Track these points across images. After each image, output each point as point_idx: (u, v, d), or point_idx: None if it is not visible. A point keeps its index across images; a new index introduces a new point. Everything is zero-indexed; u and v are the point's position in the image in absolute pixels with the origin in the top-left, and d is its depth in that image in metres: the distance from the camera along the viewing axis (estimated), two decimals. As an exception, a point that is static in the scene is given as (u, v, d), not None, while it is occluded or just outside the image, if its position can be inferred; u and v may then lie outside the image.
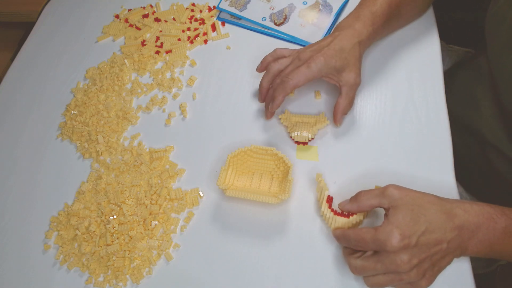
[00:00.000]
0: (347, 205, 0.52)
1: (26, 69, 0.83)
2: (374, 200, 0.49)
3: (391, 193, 0.48)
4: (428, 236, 0.45)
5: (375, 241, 0.46)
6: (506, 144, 0.63)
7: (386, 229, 0.45)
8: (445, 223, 0.46)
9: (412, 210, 0.46)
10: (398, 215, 0.46)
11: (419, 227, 0.45)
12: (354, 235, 0.48)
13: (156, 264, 0.58)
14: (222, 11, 0.81)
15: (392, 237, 0.44)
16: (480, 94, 0.68)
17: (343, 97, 0.60)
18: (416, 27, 0.72)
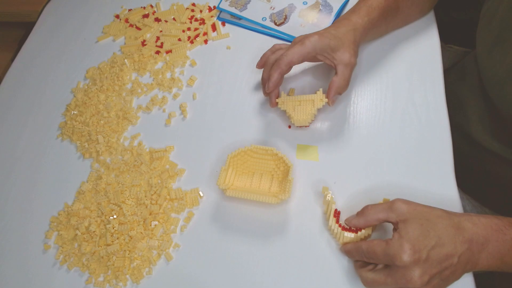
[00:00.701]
0: (353, 220, 0.52)
1: (26, 69, 0.83)
2: (382, 214, 0.49)
3: (399, 207, 0.47)
4: (439, 251, 0.45)
5: (386, 255, 0.45)
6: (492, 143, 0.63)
7: (397, 244, 0.45)
8: (455, 237, 0.45)
9: (421, 225, 0.45)
10: (408, 229, 0.45)
11: (429, 242, 0.45)
12: (366, 247, 0.48)
13: (156, 264, 0.58)
14: (222, 11, 0.81)
15: (402, 252, 0.44)
16: (466, 94, 0.68)
17: (338, 76, 0.58)
18: (416, 27, 0.72)
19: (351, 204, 0.58)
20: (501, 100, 0.57)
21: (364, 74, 0.69)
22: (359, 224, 0.51)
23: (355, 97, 0.67)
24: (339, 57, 0.58)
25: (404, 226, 0.46)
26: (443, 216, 0.47)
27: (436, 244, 0.45)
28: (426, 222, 0.46)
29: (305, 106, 0.60)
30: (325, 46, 0.58)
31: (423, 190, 0.57)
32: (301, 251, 0.56)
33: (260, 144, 0.62)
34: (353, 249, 0.51)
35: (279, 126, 0.66)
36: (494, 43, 0.57)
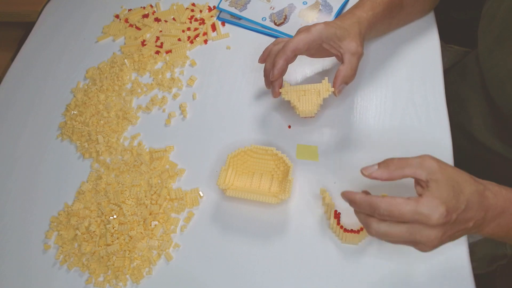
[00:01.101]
0: (375, 172, 0.46)
1: (26, 69, 0.83)
2: (409, 170, 0.45)
3: (430, 164, 0.44)
4: (465, 215, 0.43)
5: (415, 214, 0.42)
6: (494, 142, 0.63)
7: (431, 203, 0.42)
8: (478, 204, 0.44)
9: (453, 187, 0.43)
10: (441, 189, 0.43)
11: (460, 205, 0.43)
12: (386, 206, 0.43)
13: (156, 264, 0.58)
14: (222, 11, 0.81)
15: (437, 212, 0.41)
16: (468, 93, 0.68)
17: (345, 65, 0.56)
18: (416, 27, 0.72)
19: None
20: (502, 99, 0.57)
21: (364, 74, 0.69)
22: (381, 177, 0.46)
23: (355, 97, 0.67)
24: (346, 46, 0.56)
25: (437, 186, 0.43)
26: (469, 181, 0.45)
27: (466, 208, 0.43)
28: (457, 185, 0.44)
29: (310, 96, 0.58)
30: (331, 35, 0.55)
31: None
32: (301, 251, 0.56)
33: (260, 144, 0.62)
34: (364, 203, 0.45)
35: (279, 126, 0.66)
36: (496, 42, 0.57)
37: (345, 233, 0.54)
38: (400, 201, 0.42)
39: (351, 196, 0.46)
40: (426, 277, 0.52)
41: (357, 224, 0.56)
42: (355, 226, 0.56)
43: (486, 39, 0.60)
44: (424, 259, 0.53)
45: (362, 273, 0.53)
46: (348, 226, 0.56)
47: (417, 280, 0.52)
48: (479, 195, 0.45)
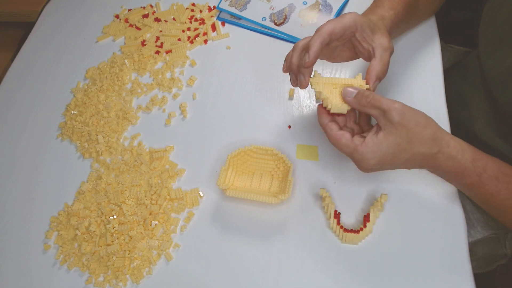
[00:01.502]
0: (348, 97, 0.50)
1: (26, 69, 0.83)
2: (374, 112, 0.48)
3: (392, 117, 0.46)
4: (398, 166, 0.49)
5: (350, 155, 0.48)
6: (497, 141, 0.63)
7: (366, 154, 0.47)
8: (419, 162, 0.48)
9: (398, 145, 0.46)
10: (383, 145, 0.46)
11: (396, 160, 0.47)
12: (333, 140, 0.50)
13: (156, 264, 0.58)
14: (222, 11, 0.81)
15: (366, 162, 0.47)
16: (469, 92, 0.68)
17: (377, 60, 0.53)
18: (416, 28, 0.72)
19: (351, 204, 0.58)
20: (504, 98, 0.57)
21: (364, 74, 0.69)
22: (351, 104, 0.50)
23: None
24: (379, 40, 0.53)
25: (384, 138, 0.46)
26: (425, 143, 0.47)
27: (401, 163, 0.48)
28: (405, 144, 0.46)
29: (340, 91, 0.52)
30: (365, 24, 0.52)
31: (423, 189, 0.57)
32: (301, 251, 0.56)
33: (260, 144, 0.62)
34: (323, 126, 0.51)
35: (279, 126, 0.66)
36: (498, 42, 0.57)
37: (345, 233, 0.54)
38: (343, 141, 0.48)
39: (319, 115, 0.52)
40: (426, 277, 0.52)
41: (357, 224, 0.56)
42: (355, 226, 0.56)
43: (488, 38, 0.60)
44: (424, 259, 0.53)
45: (362, 273, 0.53)
46: (348, 226, 0.56)
47: (417, 280, 0.52)
48: (425, 156, 0.48)
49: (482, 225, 0.65)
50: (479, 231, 0.65)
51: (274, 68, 0.73)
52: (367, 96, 0.49)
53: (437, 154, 0.48)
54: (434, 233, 0.55)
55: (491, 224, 0.65)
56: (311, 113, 0.67)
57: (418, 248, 0.54)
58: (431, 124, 0.48)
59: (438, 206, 0.56)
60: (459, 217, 0.55)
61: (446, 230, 0.55)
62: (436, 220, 0.55)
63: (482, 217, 0.65)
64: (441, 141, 0.48)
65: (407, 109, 0.47)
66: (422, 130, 0.47)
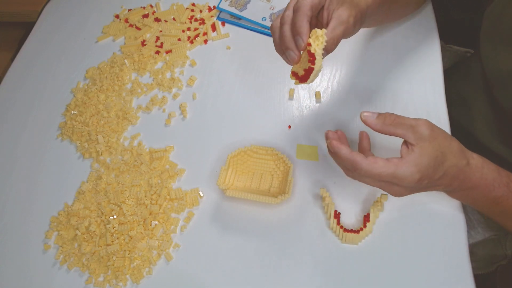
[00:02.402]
0: (370, 120, 0.48)
1: (26, 69, 0.83)
2: (401, 131, 0.46)
3: (422, 131, 0.45)
4: (437, 181, 0.47)
5: (392, 177, 0.44)
6: (497, 145, 0.63)
7: (409, 170, 0.44)
8: (453, 176, 0.47)
9: (436, 157, 0.45)
10: (423, 157, 0.45)
11: (435, 175, 0.46)
12: (367, 167, 0.45)
13: (156, 264, 0.58)
14: (222, 11, 0.81)
15: (411, 178, 0.44)
16: (470, 94, 0.68)
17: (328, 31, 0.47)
18: (416, 27, 0.72)
19: (351, 204, 0.58)
20: (506, 101, 0.57)
21: (364, 74, 0.69)
22: (374, 127, 0.48)
23: (355, 97, 0.67)
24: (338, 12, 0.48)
25: (420, 152, 0.45)
26: (456, 154, 0.47)
27: (440, 177, 0.47)
28: (441, 155, 0.46)
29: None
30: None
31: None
32: (301, 251, 0.56)
33: (260, 144, 0.62)
34: (347, 160, 0.46)
35: (279, 126, 0.66)
36: (501, 44, 0.57)
37: (345, 233, 0.54)
38: (381, 164, 0.44)
39: (336, 149, 0.47)
40: (426, 277, 0.52)
41: (357, 224, 0.56)
42: (355, 226, 0.56)
43: (491, 41, 0.59)
44: (425, 260, 0.53)
45: (362, 273, 0.53)
46: (348, 226, 0.56)
47: (417, 280, 0.52)
48: (458, 169, 0.47)
49: (482, 226, 0.65)
50: (479, 232, 0.65)
51: (274, 68, 0.73)
52: (390, 115, 0.47)
53: (466, 166, 0.48)
54: (435, 234, 0.55)
55: (491, 225, 0.65)
56: (311, 113, 0.67)
57: (418, 248, 0.54)
58: (453, 138, 0.48)
59: (438, 206, 0.56)
60: (459, 218, 0.55)
61: (447, 231, 0.55)
62: (436, 221, 0.55)
63: (482, 218, 0.65)
64: (466, 152, 0.48)
65: (433, 124, 0.47)
66: (451, 142, 0.47)
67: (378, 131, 0.48)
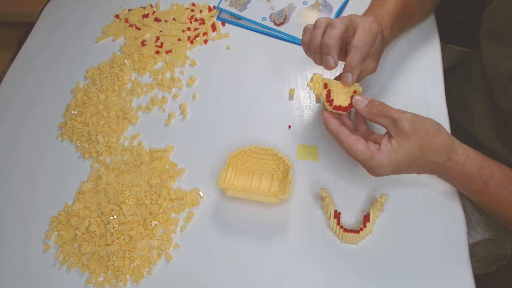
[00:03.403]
0: (361, 105, 0.51)
1: (26, 69, 0.83)
2: (385, 121, 0.49)
3: (403, 126, 0.47)
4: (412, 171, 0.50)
5: (365, 164, 0.48)
6: (497, 145, 0.63)
7: (381, 162, 0.47)
8: (430, 168, 0.50)
9: (412, 153, 0.47)
10: (397, 152, 0.47)
11: (409, 168, 0.49)
12: (347, 147, 0.49)
13: (156, 264, 0.58)
14: (222, 11, 0.80)
15: (382, 170, 0.48)
16: (472, 95, 0.68)
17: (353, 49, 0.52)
18: (416, 27, 0.72)
19: (351, 204, 0.58)
20: (505, 103, 0.57)
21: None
22: (361, 114, 0.51)
23: (355, 97, 0.67)
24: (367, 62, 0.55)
25: (397, 147, 0.47)
26: (435, 151, 0.48)
27: (413, 169, 0.49)
28: (418, 151, 0.47)
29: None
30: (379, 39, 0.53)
31: (424, 190, 0.57)
32: (301, 251, 0.56)
33: (260, 144, 0.62)
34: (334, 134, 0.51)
35: (279, 126, 0.66)
36: (501, 45, 0.57)
37: (345, 233, 0.54)
38: (359, 147, 0.48)
39: (327, 121, 0.51)
40: (426, 277, 0.52)
41: (357, 224, 0.56)
42: (355, 226, 0.56)
43: (490, 42, 0.59)
44: (425, 260, 0.53)
45: (362, 273, 0.53)
46: (348, 226, 0.56)
47: (417, 280, 0.52)
48: (436, 164, 0.49)
49: (482, 226, 0.65)
50: (479, 232, 0.65)
51: (274, 68, 0.73)
52: (378, 105, 0.50)
53: (446, 161, 0.49)
54: (435, 234, 0.55)
55: (491, 225, 0.65)
56: (311, 113, 0.67)
57: (418, 248, 0.54)
58: (440, 131, 0.49)
59: (438, 207, 0.56)
60: (459, 218, 0.55)
61: (447, 231, 0.55)
62: (436, 221, 0.55)
63: (482, 218, 0.65)
64: (450, 148, 0.49)
65: (417, 118, 0.48)
66: (433, 138, 0.48)
67: (367, 118, 0.51)
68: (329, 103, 0.52)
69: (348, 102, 0.52)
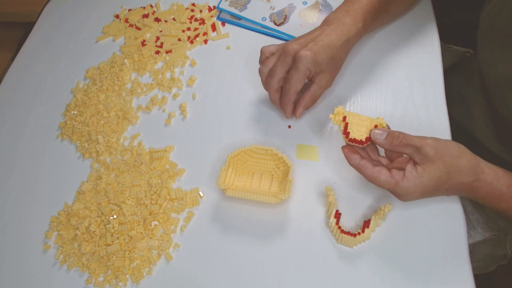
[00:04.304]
0: (379, 140, 0.50)
1: (26, 69, 0.83)
2: (407, 150, 0.48)
3: (427, 152, 0.47)
4: (439, 194, 0.50)
5: (392, 191, 0.48)
6: (496, 145, 0.63)
7: (409, 189, 0.47)
8: (458, 191, 0.50)
9: (439, 178, 0.47)
10: (424, 177, 0.47)
11: (437, 192, 0.49)
12: (370, 179, 0.49)
13: (156, 264, 0.58)
14: (222, 11, 0.81)
15: (410, 196, 0.48)
16: (471, 95, 0.68)
17: (310, 94, 0.60)
18: (416, 27, 0.72)
19: (351, 204, 0.58)
20: (503, 105, 0.57)
21: (364, 74, 0.69)
22: (382, 146, 0.51)
23: (354, 97, 0.67)
24: (319, 78, 0.59)
25: (423, 173, 0.47)
26: (462, 173, 0.48)
27: (442, 192, 0.49)
28: (444, 175, 0.47)
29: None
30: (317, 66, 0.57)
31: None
32: (301, 251, 0.56)
33: (260, 144, 0.62)
34: (355, 167, 0.51)
35: (279, 126, 0.66)
36: (498, 48, 0.57)
37: (342, 234, 0.54)
38: (382, 178, 0.48)
39: (347, 156, 0.52)
40: (426, 277, 0.52)
41: (355, 229, 0.56)
42: (353, 229, 0.56)
43: (487, 45, 0.59)
44: (424, 260, 0.53)
45: (362, 273, 0.53)
46: (346, 228, 0.56)
47: (417, 281, 0.52)
48: (464, 185, 0.49)
49: (482, 226, 0.65)
50: (479, 232, 0.65)
51: (274, 68, 0.73)
52: (397, 136, 0.49)
53: (475, 182, 0.49)
54: (434, 234, 0.54)
55: (491, 225, 0.65)
56: (311, 113, 0.67)
57: (418, 248, 0.54)
58: (465, 153, 0.49)
59: (438, 207, 0.56)
60: (459, 218, 0.55)
61: (447, 232, 0.55)
62: (436, 221, 0.55)
63: (482, 218, 0.65)
64: (476, 168, 0.49)
65: (439, 143, 0.48)
66: (458, 161, 0.48)
67: (389, 149, 0.51)
68: (345, 135, 0.52)
69: (366, 136, 0.52)
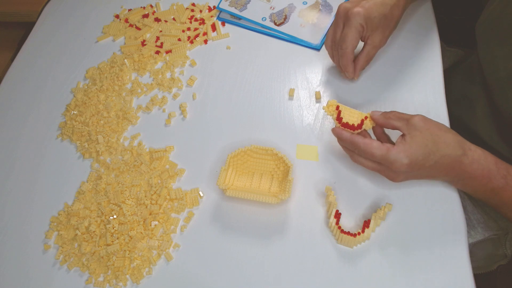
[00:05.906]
0: (377, 115, 0.54)
1: (26, 69, 0.83)
2: (398, 123, 0.52)
3: (415, 122, 0.50)
4: (429, 170, 0.51)
5: (383, 159, 0.50)
6: (499, 143, 0.63)
7: (399, 154, 0.49)
8: (446, 166, 0.50)
9: (426, 145, 0.49)
10: (412, 145, 0.49)
11: (426, 162, 0.49)
12: (363, 147, 0.51)
13: (156, 264, 0.58)
14: (222, 11, 0.81)
15: (400, 162, 0.49)
16: (474, 94, 0.68)
17: (364, 54, 0.62)
18: (416, 27, 0.72)
19: (350, 204, 0.58)
20: (504, 103, 0.57)
21: (364, 74, 0.69)
22: (377, 120, 0.54)
23: (355, 97, 0.67)
24: (372, 38, 0.61)
25: (411, 141, 0.49)
26: (450, 145, 0.50)
27: (431, 166, 0.50)
28: (432, 144, 0.49)
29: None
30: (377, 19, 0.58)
31: (424, 190, 0.57)
32: (301, 251, 0.56)
33: (260, 144, 0.62)
34: (348, 141, 0.53)
35: (279, 126, 0.66)
36: (499, 47, 0.57)
37: (342, 234, 0.54)
38: (375, 145, 0.50)
39: (339, 133, 0.54)
40: (426, 277, 0.52)
41: (355, 229, 0.56)
42: (353, 229, 0.56)
43: (488, 45, 0.59)
44: (424, 260, 0.53)
45: (362, 273, 0.53)
46: (346, 228, 0.56)
47: (416, 281, 0.52)
48: (452, 159, 0.50)
49: (482, 226, 0.65)
50: (479, 232, 0.65)
51: (274, 68, 0.73)
52: (391, 111, 0.54)
53: (462, 156, 0.50)
54: (434, 234, 0.55)
55: (491, 225, 0.65)
56: (311, 113, 0.67)
57: (418, 248, 0.54)
58: (451, 130, 0.51)
59: (438, 207, 0.56)
60: (459, 218, 0.55)
61: (447, 231, 0.55)
62: (436, 221, 0.55)
63: (482, 218, 0.65)
64: (463, 144, 0.50)
65: (428, 118, 0.51)
66: (445, 133, 0.50)
67: (381, 125, 0.54)
68: (338, 121, 0.54)
69: (358, 123, 0.55)
